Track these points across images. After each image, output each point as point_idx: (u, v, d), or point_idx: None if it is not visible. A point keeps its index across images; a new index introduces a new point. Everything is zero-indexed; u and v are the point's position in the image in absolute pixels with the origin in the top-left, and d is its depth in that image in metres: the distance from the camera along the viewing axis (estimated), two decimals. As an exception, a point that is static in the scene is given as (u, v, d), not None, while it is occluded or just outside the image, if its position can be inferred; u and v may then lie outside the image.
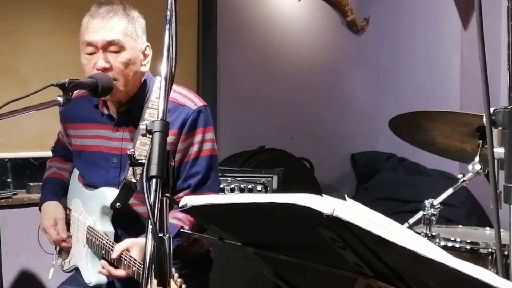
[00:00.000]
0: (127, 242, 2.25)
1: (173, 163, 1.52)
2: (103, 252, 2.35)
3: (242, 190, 3.67)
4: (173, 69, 1.59)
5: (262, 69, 4.72)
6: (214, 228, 1.38)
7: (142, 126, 1.96)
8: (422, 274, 1.12)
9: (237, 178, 3.67)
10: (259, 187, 3.67)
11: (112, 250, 2.28)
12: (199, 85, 4.32)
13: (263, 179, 3.68)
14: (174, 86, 2.40)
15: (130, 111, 2.45)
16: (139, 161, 1.59)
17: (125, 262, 2.21)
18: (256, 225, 1.31)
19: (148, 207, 1.40)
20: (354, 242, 1.13)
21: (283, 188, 3.68)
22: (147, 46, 2.43)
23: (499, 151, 1.32)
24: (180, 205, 1.32)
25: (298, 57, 4.91)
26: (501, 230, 3.20)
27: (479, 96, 4.43)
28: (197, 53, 4.36)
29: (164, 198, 1.47)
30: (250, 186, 3.67)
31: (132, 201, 2.43)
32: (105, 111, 2.49)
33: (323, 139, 5.02)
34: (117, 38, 2.32)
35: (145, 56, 2.43)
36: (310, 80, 4.97)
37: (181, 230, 2.29)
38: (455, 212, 4.19)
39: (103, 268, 2.29)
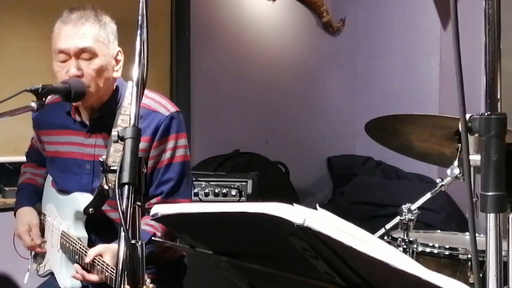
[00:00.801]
0: (100, 248, 2.28)
1: (145, 170, 1.53)
2: (77, 257, 2.37)
3: (216, 195, 3.64)
4: (144, 75, 1.60)
5: (237, 71, 4.70)
6: (186, 236, 1.36)
7: (114, 132, 1.95)
8: (393, 285, 1.10)
9: (211, 183, 3.65)
10: (233, 192, 3.64)
11: (85, 255, 2.31)
12: (172, 89, 4.30)
13: (238, 184, 3.66)
14: (146, 92, 2.45)
15: (103, 117, 2.47)
16: (111, 168, 1.58)
17: (98, 267, 2.23)
18: (228, 234, 1.29)
19: (121, 213, 1.42)
20: (325, 252, 1.10)
21: (258, 192, 3.66)
22: (119, 51, 2.45)
23: (475, 158, 1.26)
24: (151, 214, 1.31)
25: (273, 59, 4.90)
26: (477, 235, 3.16)
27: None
28: (170, 56, 4.34)
29: (136, 205, 1.47)
30: (224, 191, 3.64)
31: (105, 207, 2.45)
32: (78, 118, 2.51)
33: (299, 142, 5.00)
34: (89, 46, 2.33)
35: (117, 61, 2.45)
36: (285, 82, 4.96)
37: (153, 237, 2.30)
38: (434, 216, 4.17)
39: (76, 272, 2.30)
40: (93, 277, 2.26)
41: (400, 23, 5.15)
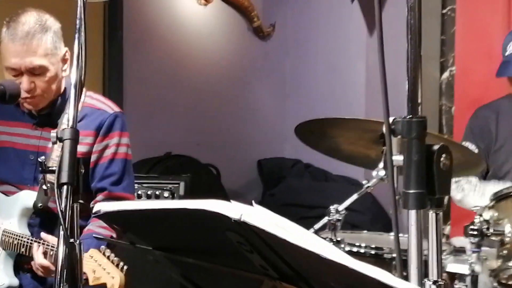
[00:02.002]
0: (45, 236, 2.37)
1: (83, 170, 1.59)
2: (23, 249, 2.43)
3: (149, 197, 3.67)
4: (82, 78, 1.67)
5: (169, 74, 4.71)
6: (126, 233, 1.40)
7: (52, 134, 2.04)
8: (324, 275, 1.16)
9: (144, 185, 3.68)
10: (166, 194, 3.68)
11: (32, 244, 2.38)
12: (104, 91, 4.28)
13: (170, 186, 3.71)
14: (91, 94, 2.60)
15: (51, 113, 2.55)
16: (50, 168, 1.64)
17: (51, 253, 2.31)
18: (167, 230, 1.34)
19: (60, 213, 1.48)
20: (261, 246, 1.16)
21: (190, 194, 3.71)
22: (66, 51, 2.52)
23: (398, 158, 1.35)
24: (93, 211, 1.36)
25: (204, 63, 4.93)
26: (401, 235, 3.30)
27: (384, 103, 4.51)
28: (103, 58, 4.34)
29: (75, 204, 1.52)
30: (157, 193, 3.68)
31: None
32: (26, 110, 2.56)
33: (230, 145, 5.03)
34: (40, 64, 2.41)
35: (65, 61, 2.52)
36: (216, 86, 4.99)
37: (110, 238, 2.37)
38: (360, 217, 4.28)
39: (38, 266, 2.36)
40: (46, 262, 2.33)
41: (328, 29, 5.22)
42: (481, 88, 4.45)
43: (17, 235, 2.46)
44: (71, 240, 1.47)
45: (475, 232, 2.45)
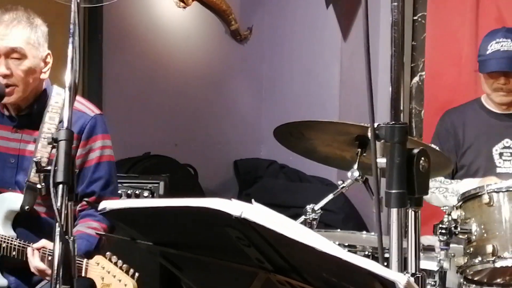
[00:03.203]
0: (42, 241, 2.39)
1: (77, 170, 1.66)
2: (14, 252, 2.44)
3: (129, 196, 3.71)
4: (76, 81, 1.73)
5: (148, 76, 4.74)
6: (127, 229, 1.48)
7: (48, 135, 2.13)
8: (317, 267, 1.25)
9: (124, 184, 3.71)
10: (146, 193, 3.72)
11: (24, 248, 2.39)
12: (84, 91, 4.30)
13: (150, 185, 3.75)
14: None
15: (31, 115, 2.56)
16: (45, 168, 1.73)
17: (49, 258, 2.32)
18: (168, 226, 1.41)
19: (56, 211, 1.58)
20: (258, 240, 1.25)
21: (169, 194, 3.75)
22: (48, 54, 2.56)
23: (382, 161, 1.45)
24: (99, 209, 1.42)
25: (183, 65, 4.96)
26: (372, 233, 3.40)
27: (358, 105, 4.70)
28: (83, 60, 4.33)
29: (70, 203, 1.63)
30: (137, 192, 3.72)
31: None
32: (6, 113, 2.58)
33: (207, 146, 5.08)
34: (20, 46, 2.43)
35: (46, 63, 2.55)
36: (194, 87, 5.02)
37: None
38: (333, 217, 4.37)
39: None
40: (42, 265, 2.35)
41: (303, 33, 5.28)
42: (450, 92, 4.60)
43: (5, 238, 2.47)
44: (66, 237, 1.57)
45: (444, 231, 2.59)
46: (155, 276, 3.80)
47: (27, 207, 2.48)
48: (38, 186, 2.12)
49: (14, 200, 2.51)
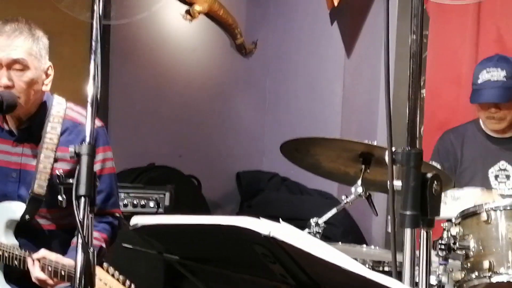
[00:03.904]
0: (42, 251, 2.39)
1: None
2: (16, 262, 2.44)
3: (135, 206, 3.77)
4: (98, 96, 1.81)
5: (153, 87, 4.79)
6: (155, 243, 1.53)
7: (50, 145, 2.16)
8: (339, 284, 1.33)
9: (130, 194, 3.77)
10: (151, 204, 3.78)
11: (25, 258, 2.41)
12: (90, 101, 4.33)
13: (156, 196, 3.81)
14: (72, 105, 2.63)
15: (31, 128, 2.55)
16: (67, 181, 1.78)
17: (49, 269, 2.34)
18: (196, 242, 1.49)
19: (78, 223, 1.60)
20: (284, 257, 1.32)
21: (174, 204, 3.83)
22: (50, 66, 2.55)
23: (397, 183, 1.54)
24: (131, 224, 1.47)
25: (188, 77, 5.00)
26: (372, 247, 3.47)
27: (359, 122, 4.76)
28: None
29: (91, 215, 1.65)
30: (143, 202, 3.78)
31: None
32: (6, 127, 2.57)
33: (210, 157, 5.11)
34: (22, 57, 2.42)
35: (47, 75, 2.54)
36: (198, 100, 5.07)
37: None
38: (333, 230, 4.40)
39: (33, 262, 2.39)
40: (42, 276, 2.37)
41: (307, 49, 5.33)
42: (449, 112, 4.66)
43: (7, 247, 2.48)
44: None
45: (443, 246, 2.66)
46: (159, 285, 3.87)
47: (27, 217, 2.49)
48: (60, 198, 2.15)
49: (15, 209, 2.52)
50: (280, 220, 1.30)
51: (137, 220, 1.46)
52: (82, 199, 1.66)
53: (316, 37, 5.28)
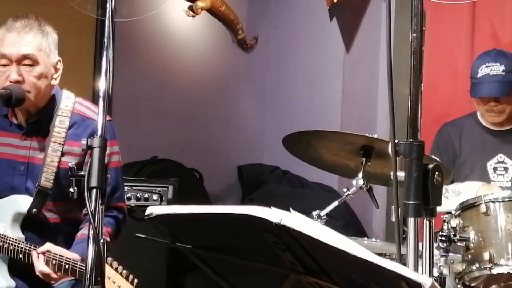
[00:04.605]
0: (47, 245, 2.42)
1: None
2: (21, 255, 2.46)
3: (138, 199, 3.76)
4: (110, 91, 1.83)
5: (157, 82, 4.82)
6: (168, 232, 1.58)
7: (58, 138, 2.18)
8: (347, 270, 1.37)
9: (134, 187, 3.77)
10: (155, 197, 3.78)
11: (31, 251, 2.42)
12: (94, 95, 4.39)
13: (159, 189, 3.81)
14: (80, 100, 2.68)
15: (40, 121, 2.60)
16: (79, 174, 1.81)
17: (54, 262, 2.36)
18: (208, 231, 1.53)
19: (90, 214, 1.62)
20: (294, 245, 1.37)
21: (177, 197, 3.83)
22: (59, 60, 2.60)
23: (401, 174, 1.60)
24: (146, 213, 1.51)
25: (190, 72, 5.04)
26: (373, 239, 3.51)
27: (359, 115, 4.82)
28: (94, 64, 4.42)
29: (102, 207, 1.68)
30: (146, 195, 3.77)
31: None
32: (15, 121, 2.61)
33: (212, 151, 5.15)
34: (32, 53, 2.47)
35: (56, 70, 2.59)
36: (200, 94, 5.10)
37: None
38: (334, 223, 4.41)
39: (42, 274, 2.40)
40: (47, 269, 2.39)
41: (308, 44, 5.39)
42: (446, 105, 4.73)
43: (13, 240, 2.50)
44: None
45: (444, 238, 2.71)
46: (162, 278, 3.92)
47: (34, 210, 2.52)
48: (71, 190, 2.19)
49: (22, 203, 2.54)
50: (291, 209, 1.35)
51: (152, 210, 1.51)
52: (94, 190, 1.68)
53: (316, 33, 5.34)
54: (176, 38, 4.97)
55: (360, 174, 2.94)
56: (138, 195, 3.78)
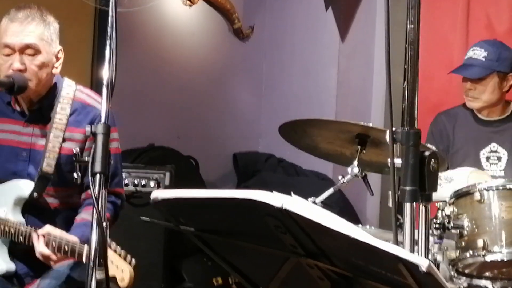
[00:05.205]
0: (47, 227, 2.46)
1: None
2: (22, 237, 2.50)
3: (135, 185, 3.81)
4: (113, 80, 1.95)
5: (153, 71, 4.84)
6: (172, 216, 1.63)
7: (59, 125, 2.22)
8: (346, 252, 1.42)
9: (132, 174, 3.81)
10: (152, 183, 3.81)
11: (30, 234, 2.46)
12: (92, 83, 4.42)
13: (156, 176, 3.84)
14: (81, 88, 2.74)
15: (42, 109, 2.65)
16: (82, 159, 1.89)
17: (53, 244, 2.40)
18: (211, 215, 1.57)
19: (93, 198, 1.68)
20: (295, 228, 1.41)
21: (174, 184, 3.87)
22: (60, 49, 2.65)
23: (398, 161, 1.65)
24: (152, 197, 1.55)
25: (187, 60, 5.07)
26: (367, 226, 3.55)
27: (354, 104, 4.87)
28: (92, 53, 4.45)
29: (105, 191, 1.75)
30: (143, 182, 3.81)
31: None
32: (17, 108, 2.67)
33: (208, 138, 5.18)
34: (34, 42, 2.52)
35: (58, 59, 2.64)
36: (197, 82, 5.13)
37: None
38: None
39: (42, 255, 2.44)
40: (46, 251, 2.43)
41: (303, 34, 5.42)
42: (441, 95, 4.76)
43: (14, 223, 2.53)
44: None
45: (438, 225, 2.74)
46: (158, 263, 3.97)
47: (35, 195, 2.57)
48: (75, 175, 2.22)
49: (23, 187, 2.58)
50: (292, 193, 1.39)
51: (158, 194, 1.54)
52: (98, 175, 1.74)
53: (312, 22, 5.37)
54: (173, 27, 4.99)
55: (355, 162, 2.96)
56: (136, 181, 3.82)
